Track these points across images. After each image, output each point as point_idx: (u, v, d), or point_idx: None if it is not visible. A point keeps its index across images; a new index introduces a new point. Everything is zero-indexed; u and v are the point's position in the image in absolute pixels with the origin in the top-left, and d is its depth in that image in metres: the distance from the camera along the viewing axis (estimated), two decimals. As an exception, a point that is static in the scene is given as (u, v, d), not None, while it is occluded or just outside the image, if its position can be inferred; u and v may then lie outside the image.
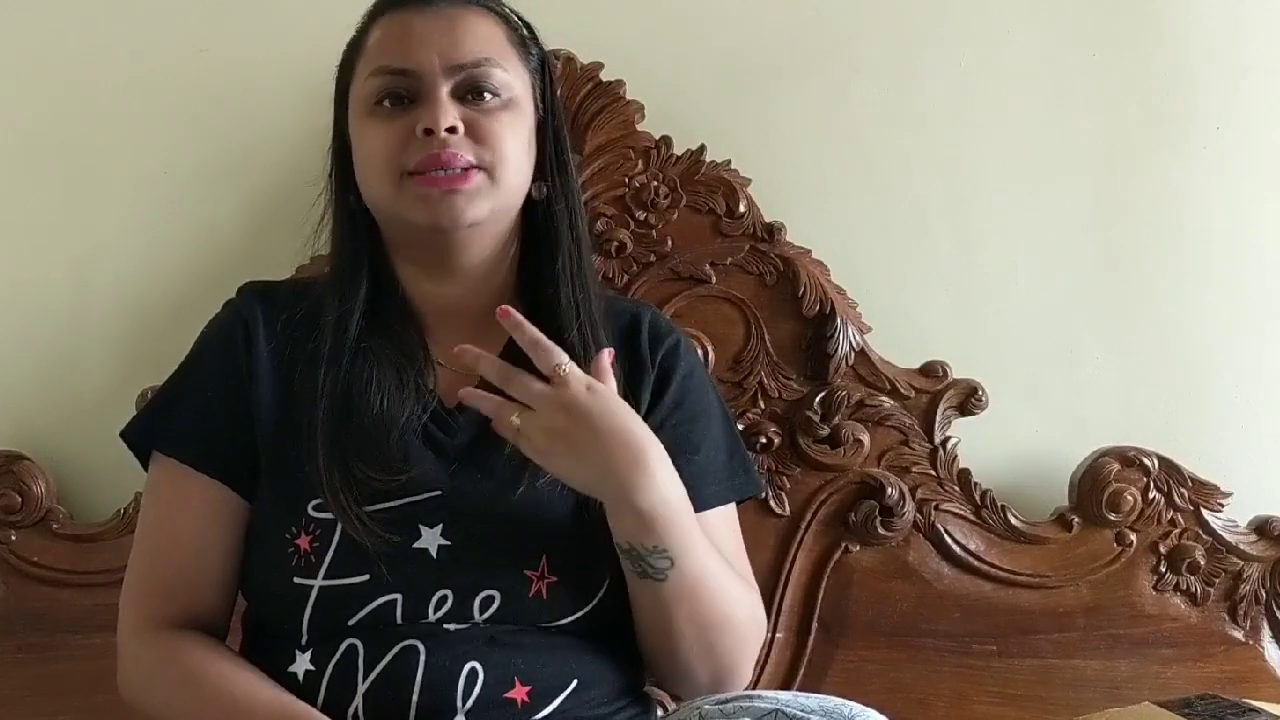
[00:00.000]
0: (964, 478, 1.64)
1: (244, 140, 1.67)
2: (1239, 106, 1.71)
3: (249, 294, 1.28)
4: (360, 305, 1.24)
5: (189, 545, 1.21)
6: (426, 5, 1.22)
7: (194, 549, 1.21)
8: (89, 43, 1.67)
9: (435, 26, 1.21)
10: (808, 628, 1.61)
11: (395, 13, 1.24)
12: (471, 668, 1.13)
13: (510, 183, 1.21)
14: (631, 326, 1.30)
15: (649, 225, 1.63)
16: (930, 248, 1.71)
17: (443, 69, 1.19)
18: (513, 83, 1.22)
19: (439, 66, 1.19)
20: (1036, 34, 1.71)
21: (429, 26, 1.21)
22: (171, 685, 1.18)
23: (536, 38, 1.29)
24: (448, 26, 1.21)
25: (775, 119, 1.69)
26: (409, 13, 1.22)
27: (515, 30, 1.26)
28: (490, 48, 1.22)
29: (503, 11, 1.27)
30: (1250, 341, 1.72)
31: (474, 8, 1.24)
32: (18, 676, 1.58)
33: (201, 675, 1.16)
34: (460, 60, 1.20)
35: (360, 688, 1.13)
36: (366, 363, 1.21)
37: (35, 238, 1.68)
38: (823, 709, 1.04)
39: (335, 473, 1.15)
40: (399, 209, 1.20)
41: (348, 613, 1.14)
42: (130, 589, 1.23)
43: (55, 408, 1.67)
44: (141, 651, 1.20)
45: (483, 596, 1.15)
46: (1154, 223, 1.72)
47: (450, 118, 1.18)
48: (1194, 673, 1.61)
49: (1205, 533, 1.64)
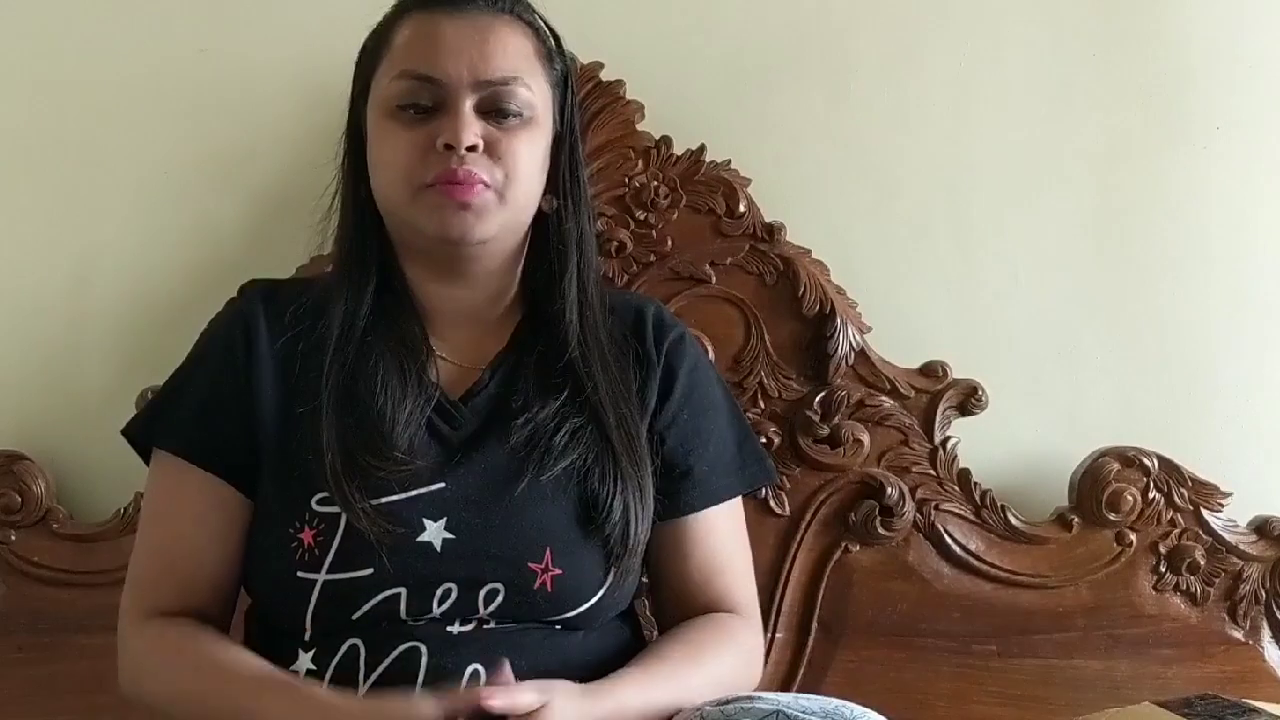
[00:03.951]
0: (964, 478, 1.64)
1: (244, 140, 1.67)
2: (1239, 106, 1.71)
3: (252, 293, 1.29)
4: (367, 299, 1.24)
5: (188, 540, 1.22)
6: (458, 10, 1.21)
7: (193, 543, 1.21)
8: (89, 42, 1.67)
9: (466, 35, 1.20)
10: (808, 628, 1.61)
11: (426, 13, 1.22)
12: (474, 669, 1.14)
13: (519, 202, 1.21)
14: (637, 321, 1.30)
15: (649, 225, 1.63)
16: (930, 248, 1.71)
17: (470, 83, 1.19)
18: (535, 101, 1.22)
19: (466, 80, 1.18)
20: (1036, 34, 1.71)
21: (460, 35, 1.20)
22: (165, 664, 1.18)
23: (562, 49, 1.28)
24: (479, 37, 1.20)
25: (775, 119, 1.69)
26: (440, 15, 1.21)
27: (544, 42, 1.25)
28: (519, 64, 1.21)
29: (534, 22, 1.26)
30: (1250, 341, 1.72)
31: (506, 17, 1.22)
32: (18, 676, 1.58)
33: (193, 650, 1.17)
34: (488, 76, 1.19)
35: (362, 688, 1.13)
36: (369, 355, 1.22)
37: (35, 237, 1.68)
38: (823, 711, 1.05)
39: (340, 464, 1.15)
40: (412, 217, 1.20)
41: (351, 607, 1.15)
42: (130, 585, 1.24)
43: (55, 408, 1.67)
44: (141, 645, 1.21)
45: (487, 590, 1.16)
46: (1154, 223, 1.72)
47: (472, 135, 1.18)
48: (1194, 673, 1.61)
49: (1205, 533, 1.64)
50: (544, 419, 1.21)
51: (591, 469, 1.19)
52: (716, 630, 1.26)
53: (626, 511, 1.19)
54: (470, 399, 1.23)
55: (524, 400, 1.22)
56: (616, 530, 1.19)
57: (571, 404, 1.22)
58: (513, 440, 1.19)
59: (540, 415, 1.21)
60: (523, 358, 1.25)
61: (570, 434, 1.20)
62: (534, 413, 1.21)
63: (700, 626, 1.25)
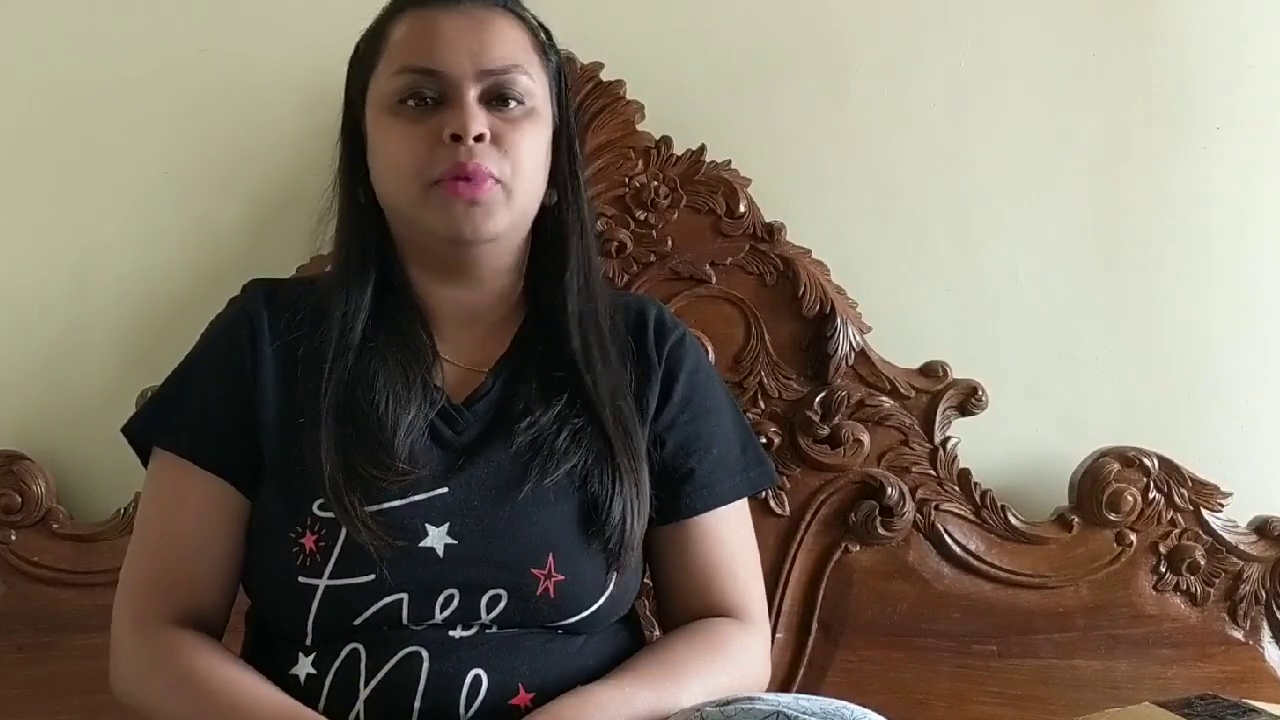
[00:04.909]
0: (964, 478, 1.64)
1: (244, 140, 1.67)
2: (1239, 106, 1.71)
3: (254, 291, 1.28)
4: (367, 303, 1.23)
5: (186, 540, 1.20)
6: (454, 4, 1.21)
7: (191, 544, 1.20)
8: (89, 42, 1.67)
9: (465, 27, 1.20)
10: (808, 628, 1.61)
11: (421, 9, 1.22)
12: (475, 674, 1.13)
13: (526, 196, 1.21)
14: (638, 323, 1.30)
15: (649, 225, 1.63)
16: (930, 248, 1.71)
17: (473, 73, 1.18)
18: (536, 90, 1.22)
19: (469, 70, 1.18)
20: (1036, 34, 1.71)
21: (459, 27, 1.20)
22: (169, 685, 1.16)
23: (554, 43, 1.29)
24: (478, 29, 1.20)
25: (775, 119, 1.69)
26: (436, 10, 1.21)
27: (536, 35, 1.26)
28: (518, 53, 1.21)
29: (526, 16, 1.26)
30: (1250, 341, 1.72)
31: (501, 10, 1.23)
32: (18, 676, 1.58)
33: (199, 677, 1.15)
34: (490, 65, 1.19)
35: (362, 693, 1.12)
36: (372, 360, 1.21)
37: (35, 238, 1.68)
38: (823, 711, 1.04)
39: (338, 473, 1.14)
40: (421, 216, 1.20)
41: (353, 613, 1.14)
42: (126, 583, 1.22)
43: (55, 408, 1.67)
44: (137, 648, 1.19)
45: (489, 595, 1.15)
46: (1154, 223, 1.72)
47: (479, 125, 1.17)
48: (1194, 673, 1.61)
49: (1205, 533, 1.64)
50: (546, 423, 1.20)
51: (591, 471, 1.19)
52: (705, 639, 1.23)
53: (625, 510, 1.19)
54: (473, 403, 1.23)
55: (526, 404, 1.21)
56: (615, 531, 1.18)
57: (571, 404, 1.21)
58: (515, 445, 1.18)
59: (543, 419, 1.20)
60: (525, 359, 1.25)
61: (571, 436, 1.20)
62: (536, 416, 1.20)
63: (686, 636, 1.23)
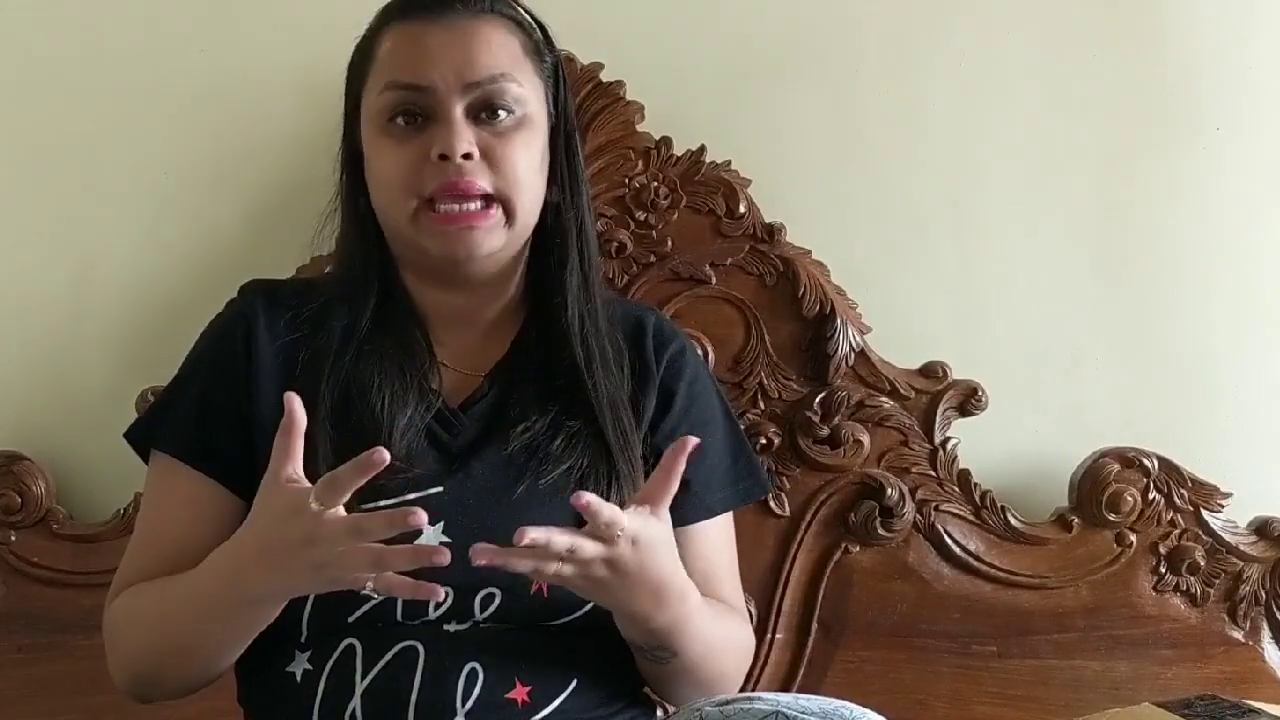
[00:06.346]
0: (964, 478, 1.64)
1: (244, 140, 1.67)
2: (1239, 106, 1.71)
3: (252, 293, 1.28)
4: (368, 311, 1.23)
5: (174, 538, 1.20)
6: (439, 16, 1.20)
7: (179, 542, 1.20)
8: (89, 43, 1.67)
9: (449, 40, 1.19)
10: (807, 628, 1.61)
11: (407, 22, 1.21)
12: (471, 668, 1.13)
13: (524, 208, 1.21)
14: (636, 331, 1.30)
15: (649, 226, 1.63)
16: (930, 248, 1.71)
17: (457, 87, 1.18)
18: (527, 97, 1.21)
19: (453, 84, 1.18)
20: (1036, 34, 1.71)
21: (442, 40, 1.19)
22: (131, 616, 1.18)
23: (551, 41, 1.28)
24: (462, 40, 1.19)
25: (775, 119, 1.69)
26: (421, 24, 1.20)
27: (530, 36, 1.25)
28: (504, 61, 1.20)
29: (517, 17, 1.25)
30: (1251, 342, 1.72)
31: (487, 17, 1.22)
32: (18, 676, 1.58)
33: (156, 586, 1.16)
34: (475, 78, 1.18)
35: (359, 688, 1.13)
36: (370, 363, 1.21)
37: (35, 238, 1.67)
38: (822, 711, 1.04)
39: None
40: (415, 238, 1.20)
41: (347, 610, 1.14)
42: (119, 580, 1.23)
43: (55, 408, 1.67)
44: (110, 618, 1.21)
45: (483, 595, 1.15)
46: (1154, 223, 1.72)
47: (465, 143, 1.17)
48: (1194, 673, 1.61)
49: (1205, 533, 1.64)
50: (542, 427, 1.20)
51: (588, 473, 1.19)
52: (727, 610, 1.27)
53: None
54: (469, 407, 1.23)
55: (522, 409, 1.21)
56: None
57: (569, 408, 1.21)
58: (510, 448, 1.18)
59: (538, 424, 1.20)
60: (523, 363, 1.25)
61: (567, 439, 1.19)
62: (532, 421, 1.20)
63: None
